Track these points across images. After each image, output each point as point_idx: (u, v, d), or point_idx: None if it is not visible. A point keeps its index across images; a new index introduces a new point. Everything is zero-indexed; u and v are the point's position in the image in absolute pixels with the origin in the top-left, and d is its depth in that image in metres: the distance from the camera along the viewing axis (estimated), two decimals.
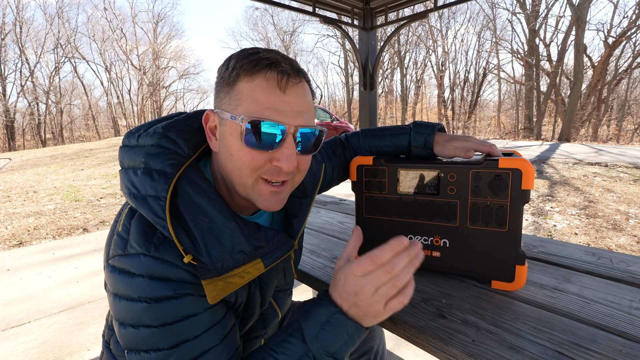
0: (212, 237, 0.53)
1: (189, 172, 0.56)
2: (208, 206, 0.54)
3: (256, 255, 0.57)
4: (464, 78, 26.61)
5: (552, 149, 11.08)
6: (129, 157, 0.57)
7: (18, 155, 14.25)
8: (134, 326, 0.52)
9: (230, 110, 0.55)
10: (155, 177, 0.53)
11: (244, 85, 0.54)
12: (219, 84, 0.58)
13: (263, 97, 0.54)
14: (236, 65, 0.55)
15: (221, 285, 0.53)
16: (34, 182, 7.57)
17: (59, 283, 2.68)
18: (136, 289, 0.51)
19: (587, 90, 17.35)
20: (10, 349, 1.90)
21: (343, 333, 0.53)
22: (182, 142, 0.58)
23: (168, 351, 0.51)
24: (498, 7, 22.85)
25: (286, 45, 31.79)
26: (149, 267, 0.51)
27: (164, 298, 0.51)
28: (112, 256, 0.54)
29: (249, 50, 0.58)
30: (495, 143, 6.15)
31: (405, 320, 0.69)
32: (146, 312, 0.50)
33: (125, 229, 0.54)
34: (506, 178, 0.73)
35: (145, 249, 0.51)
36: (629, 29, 15.05)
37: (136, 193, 0.54)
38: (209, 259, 0.52)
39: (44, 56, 26.44)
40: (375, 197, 0.89)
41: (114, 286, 0.53)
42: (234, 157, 0.56)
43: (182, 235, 0.52)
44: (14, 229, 4.24)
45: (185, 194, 0.54)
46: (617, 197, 4.94)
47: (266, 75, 0.54)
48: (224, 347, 0.55)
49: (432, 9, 2.51)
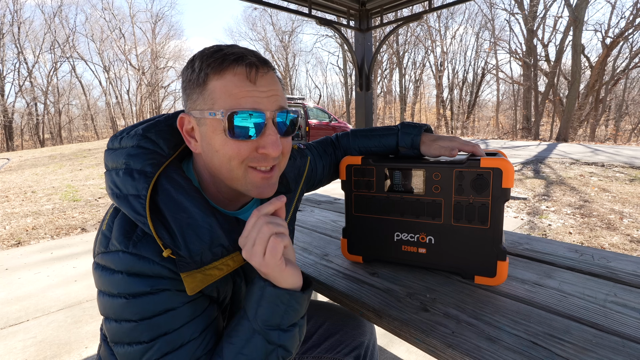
0: (190, 232, 0.55)
1: (169, 171, 0.58)
2: (187, 202, 0.56)
3: (235, 249, 0.60)
4: (463, 78, 26.69)
5: (550, 149, 11.13)
6: (112, 159, 0.59)
7: (16, 156, 14.24)
8: (116, 320, 0.54)
9: (206, 109, 0.57)
10: (136, 177, 0.55)
11: (215, 84, 0.56)
12: (188, 87, 0.59)
13: (236, 90, 0.55)
14: (202, 65, 0.57)
15: (200, 277, 0.55)
16: (32, 182, 7.58)
17: (57, 282, 2.70)
18: (116, 285, 0.53)
19: (584, 90, 17.42)
20: (8, 347, 1.92)
21: (278, 303, 0.56)
22: (161, 142, 0.60)
23: (148, 344, 0.53)
24: (496, 8, 22.94)
25: (285, 45, 31.80)
26: (127, 264, 0.53)
27: (141, 294, 0.53)
28: (97, 254, 0.57)
29: (211, 49, 0.59)
30: (493, 143, 6.18)
31: (389, 314, 0.72)
32: (126, 307, 0.53)
33: (108, 228, 0.57)
34: (487, 177, 0.76)
35: (124, 245, 0.53)
36: (627, 30, 15.12)
37: (118, 193, 0.56)
38: (187, 252, 0.54)
39: (42, 56, 26.41)
40: (364, 195, 0.91)
41: (98, 282, 0.56)
42: (220, 152, 0.57)
43: (162, 231, 0.54)
44: (12, 228, 4.26)
45: (165, 191, 0.56)
46: (612, 196, 4.98)
47: (235, 70, 0.56)
48: (203, 339, 0.57)
49: (428, 10, 2.54)
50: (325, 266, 0.98)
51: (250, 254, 0.55)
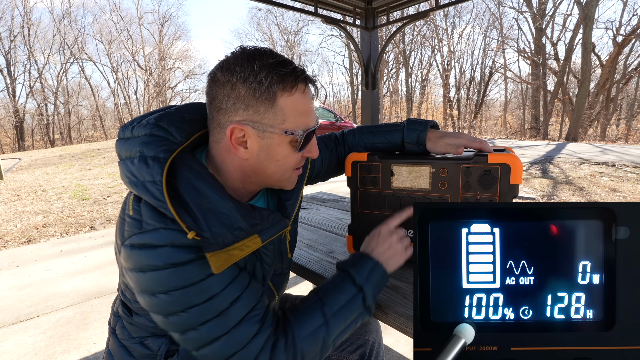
0: (211, 215, 0.57)
1: (183, 158, 0.60)
2: (206, 189, 0.58)
3: (253, 232, 0.62)
4: (470, 77, 26.43)
5: (558, 148, 10.97)
6: (126, 149, 0.61)
7: (27, 155, 14.50)
8: (165, 292, 0.57)
9: (277, 125, 0.62)
10: (150, 164, 0.57)
11: (285, 101, 0.61)
12: (252, 96, 0.60)
13: (303, 108, 0.64)
14: (270, 79, 0.59)
15: (224, 257, 0.58)
16: (42, 182, 7.71)
17: (66, 279, 2.74)
18: (161, 258, 0.56)
19: (595, 89, 17.14)
20: (19, 341, 1.95)
21: (381, 278, 0.72)
22: (173, 130, 0.62)
23: (203, 305, 0.57)
24: (504, 6, 22.69)
25: (290, 46, 31.86)
26: (170, 238, 0.56)
27: (187, 261, 0.57)
28: (129, 236, 0.58)
29: (270, 58, 0.60)
30: (500, 143, 6.14)
31: (395, 310, 0.71)
32: (173, 276, 0.56)
33: (136, 212, 0.59)
34: (495, 173, 0.75)
35: (163, 223, 0.57)
36: (639, 27, 14.84)
37: (135, 180, 0.58)
38: (210, 234, 0.56)
39: (52, 57, 26.85)
40: (370, 192, 0.91)
41: (137, 262, 0.57)
42: (281, 162, 0.66)
43: (184, 215, 0.56)
44: (23, 226, 4.33)
45: (184, 177, 0.58)
46: (623, 197, 4.89)
47: (302, 89, 0.63)
48: (249, 295, 0.62)
49: (434, 8, 2.52)
50: (330, 263, 0.98)
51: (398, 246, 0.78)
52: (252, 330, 0.60)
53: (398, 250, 0.77)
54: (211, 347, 0.58)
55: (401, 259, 0.77)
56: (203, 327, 0.58)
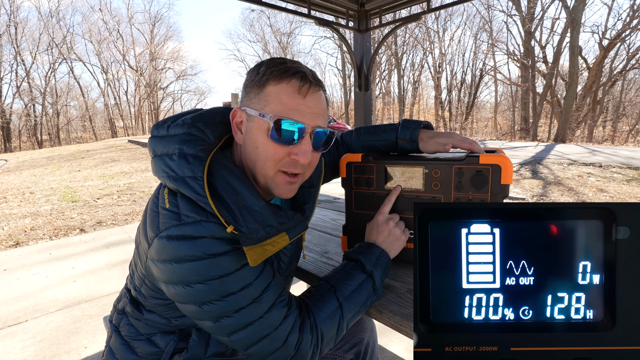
0: (246, 212, 0.61)
1: (219, 157, 0.65)
2: (241, 187, 0.63)
3: (282, 229, 0.65)
4: (461, 79, 26.78)
5: (548, 149, 11.18)
6: (162, 146, 0.65)
7: (14, 157, 14.20)
8: (202, 282, 0.59)
9: (258, 109, 0.65)
10: (191, 161, 0.61)
11: (271, 88, 0.65)
12: (249, 85, 0.68)
13: (287, 99, 0.64)
14: (266, 71, 0.66)
15: (259, 251, 0.61)
16: (30, 183, 7.55)
17: (55, 283, 2.69)
18: (201, 248, 0.59)
19: (582, 91, 17.52)
20: (7, 347, 1.91)
21: (387, 263, 0.78)
22: (208, 132, 0.67)
23: (239, 292, 0.61)
24: (494, 9, 23.07)
25: (283, 47, 31.86)
26: (210, 230, 0.60)
27: (225, 252, 0.60)
28: (166, 228, 0.60)
29: (278, 60, 0.68)
30: (491, 144, 6.22)
31: (390, 309, 0.73)
32: (212, 266, 0.59)
33: (172, 205, 0.62)
34: (486, 173, 0.77)
35: (204, 216, 0.60)
36: (623, 31, 15.23)
37: (174, 175, 0.62)
38: (247, 229, 0.60)
39: (40, 57, 26.36)
40: (364, 192, 0.92)
41: (174, 253, 0.59)
42: (259, 149, 0.66)
43: (223, 210, 0.60)
44: (10, 229, 4.24)
45: (221, 175, 0.63)
46: (609, 196, 5.00)
47: (291, 82, 0.65)
48: (276, 284, 0.67)
49: (426, 11, 2.56)
50: (325, 263, 0.99)
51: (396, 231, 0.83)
52: (281, 313, 0.64)
53: (397, 235, 0.83)
54: (245, 332, 0.62)
55: (401, 242, 0.83)
56: (237, 313, 0.61)
